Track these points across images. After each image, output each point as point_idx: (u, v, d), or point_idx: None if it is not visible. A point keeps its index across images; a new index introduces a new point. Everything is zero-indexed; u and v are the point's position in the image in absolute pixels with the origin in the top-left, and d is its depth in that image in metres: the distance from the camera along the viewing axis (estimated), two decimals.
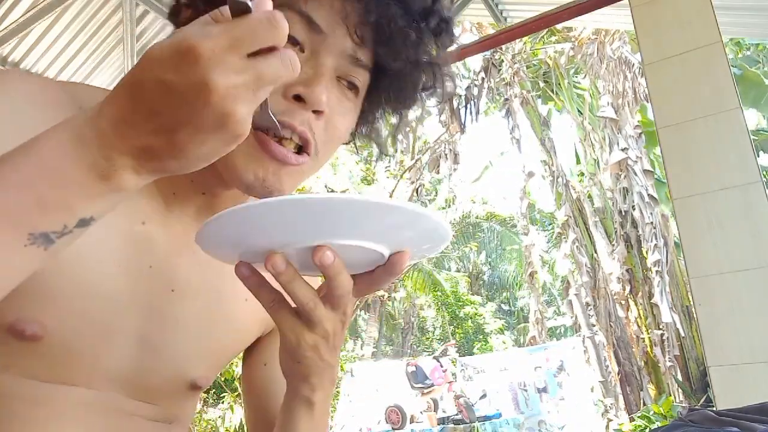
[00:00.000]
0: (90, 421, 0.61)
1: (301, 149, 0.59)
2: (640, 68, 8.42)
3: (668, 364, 8.14)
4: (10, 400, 0.57)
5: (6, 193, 0.41)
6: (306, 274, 0.51)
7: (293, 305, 0.54)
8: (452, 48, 0.68)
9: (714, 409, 1.12)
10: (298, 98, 0.58)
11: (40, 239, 0.41)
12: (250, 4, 0.40)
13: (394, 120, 0.75)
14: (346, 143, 0.73)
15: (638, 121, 8.83)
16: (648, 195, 8.38)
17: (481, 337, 17.22)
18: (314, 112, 0.58)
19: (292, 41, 0.58)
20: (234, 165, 0.57)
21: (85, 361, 0.60)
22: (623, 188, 8.79)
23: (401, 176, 12.38)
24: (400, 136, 0.78)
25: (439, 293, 16.57)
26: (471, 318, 17.14)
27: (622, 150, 8.56)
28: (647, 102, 8.74)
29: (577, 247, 9.77)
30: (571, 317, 10.20)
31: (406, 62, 0.64)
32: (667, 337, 8.05)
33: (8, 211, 0.40)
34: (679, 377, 8.08)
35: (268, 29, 0.40)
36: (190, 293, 0.66)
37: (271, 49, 0.41)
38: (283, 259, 0.48)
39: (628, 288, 9.07)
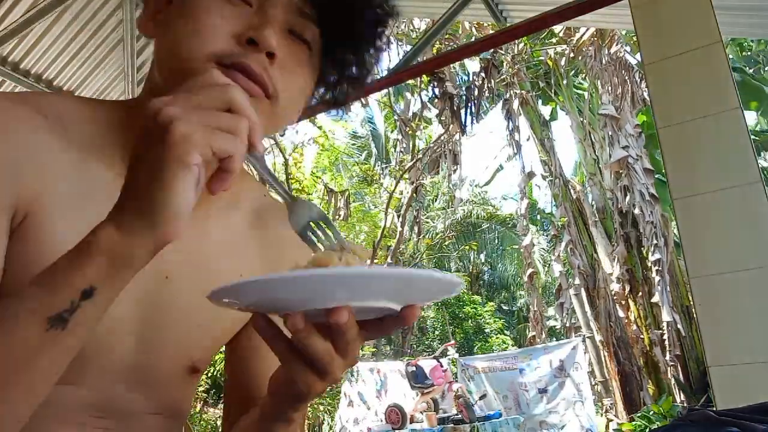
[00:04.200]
0: (93, 419, 0.62)
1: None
2: (639, 70, 8.43)
3: (669, 363, 8.14)
4: None
5: (36, 288, 0.46)
6: (319, 320, 0.51)
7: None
8: None
9: (714, 409, 1.12)
10: (251, 42, 0.60)
11: (56, 322, 0.45)
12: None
13: (355, 73, 0.76)
14: (324, 107, 0.76)
15: (637, 123, 8.84)
16: (649, 193, 8.38)
17: (481, 337, 17.21)
18: (268, 55, 0.61)
19: None
20: None
21: (85, 361, 0.60)
22: (624, 186, 8.78)
23: (401, 176, 12.38)
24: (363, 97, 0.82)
25: None
26: (471, 318, 17.13)
27: (623, 148, 8.55)
28: (645, 105, 8.76)
29: (571, 248, 9.76)
30: (563, 319, 10.20)
31: (351, 8, 0.67)
32: (668, 337, 8.04)
33: (31, 303, 0.45)
34: (680, 377, 8.08)
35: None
36: (184, 278, 0.66)
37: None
38: (301, 319, 0.48)
39: (628, 288, 9.07)
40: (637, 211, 8.57)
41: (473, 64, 10.74)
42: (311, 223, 0.56)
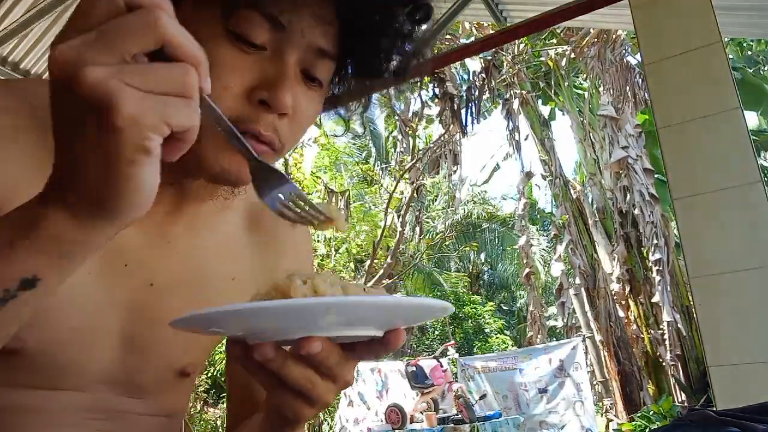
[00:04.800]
0: (84, 423, 0.61)
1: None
2: (640, 71, 8.43)
3: (670, 363, 8.14)
4: (3, 411, 0.58)
5: None
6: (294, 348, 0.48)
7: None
8: (427, 23, 0.65)
9: (714, 409, 1.12)
10: (262, 102, 0.56)
11: None
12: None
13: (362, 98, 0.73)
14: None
15: (637, 123, 8.85)
16: (648, 194, 8.39)
17: (481, 337, 17.22)
18: (278, 114, 0.57)
19: (252, 44, 0.56)
20: (202, 156, 0.56)
21: (71, 367, 0.60)
22: (624, 187, 8.79)
23: (401, 176, 12.37)
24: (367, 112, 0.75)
25: (439, 293, 16.57)
26: (471, 318, 17.14)
27: (623, 148, 8.57)
28: (646, 105, 8.76)
29: (572, 248, 9.77)
30: (564, 319, 10.21)
31: (375, 48, 0.63)
32: (668, 337, 8.05)
33: None
34: (680, 377, 8.08)
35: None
36: (171, 284, 0.65)
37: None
38: (271, 348, 0.44)
39: (628, 288, 9.07)
40: (637, 211, 8.58)
41: (474, 64, 10.74)
42: (281, 200, 0.51)
